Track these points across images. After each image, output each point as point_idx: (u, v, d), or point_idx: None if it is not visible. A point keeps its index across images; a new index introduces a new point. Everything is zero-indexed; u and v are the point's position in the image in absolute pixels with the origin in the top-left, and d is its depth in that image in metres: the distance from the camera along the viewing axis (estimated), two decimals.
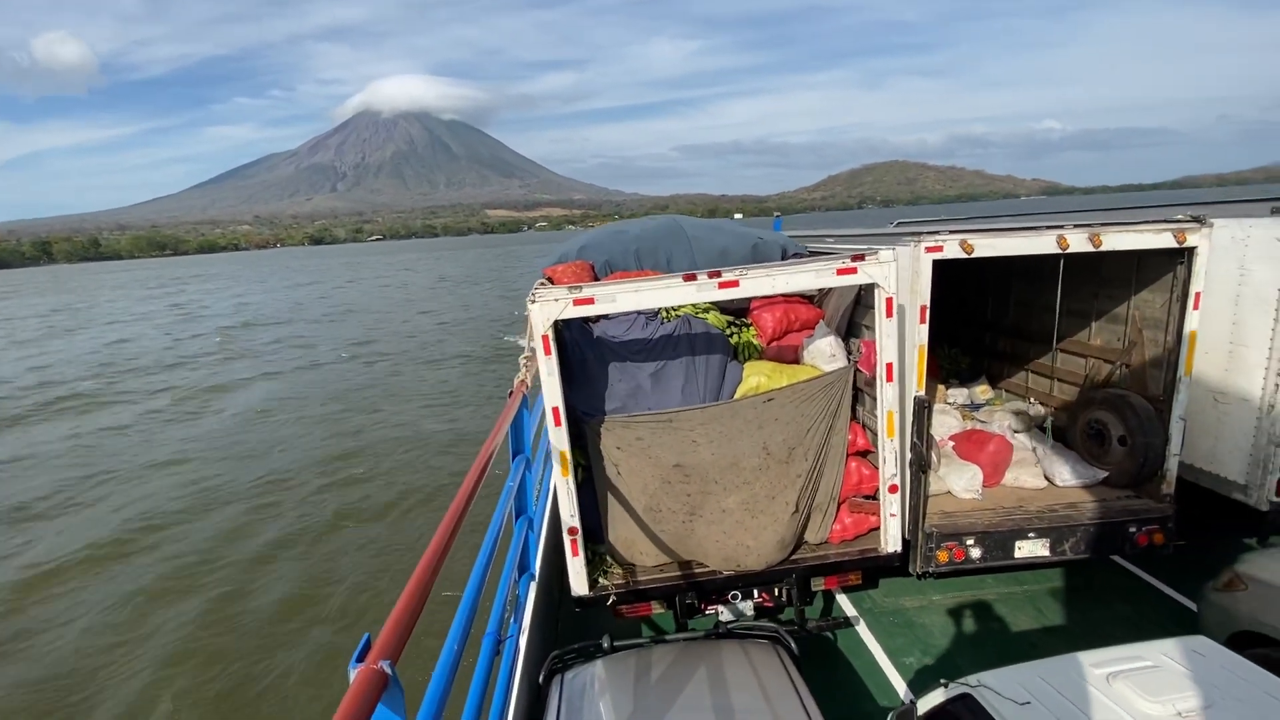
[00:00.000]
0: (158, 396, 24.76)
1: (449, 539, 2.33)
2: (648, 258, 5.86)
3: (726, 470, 4.86)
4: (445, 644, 2.38)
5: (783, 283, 4.49)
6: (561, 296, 4.32)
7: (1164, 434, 5.42)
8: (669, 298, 4.43)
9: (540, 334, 4.36)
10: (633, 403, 5.05)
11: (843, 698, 5.01)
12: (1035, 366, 7.59)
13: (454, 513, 2.50)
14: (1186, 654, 3.15)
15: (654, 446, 4.83)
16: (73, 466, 17.35)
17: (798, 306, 5.82)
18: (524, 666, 4.16)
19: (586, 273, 5.83)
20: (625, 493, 4.94)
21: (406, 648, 1.73)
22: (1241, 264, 5.26)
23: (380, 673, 1.56)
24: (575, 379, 5.01)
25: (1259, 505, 5.27)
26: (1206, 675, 2.98)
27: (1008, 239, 4.99)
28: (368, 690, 1.51)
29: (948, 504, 5.72)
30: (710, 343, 5.24)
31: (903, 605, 6.10)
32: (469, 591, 2.78)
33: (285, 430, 19.34)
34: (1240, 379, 5.34)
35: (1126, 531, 5.37)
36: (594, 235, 6.20)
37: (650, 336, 5.13)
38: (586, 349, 5.08)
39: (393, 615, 1.79)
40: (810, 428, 4.92)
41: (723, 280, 4.37)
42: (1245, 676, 2.99)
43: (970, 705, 3.08)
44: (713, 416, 4.84)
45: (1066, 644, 5.30)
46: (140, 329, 45.41)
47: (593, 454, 4.93)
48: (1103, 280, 6.27)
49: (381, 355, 30.43)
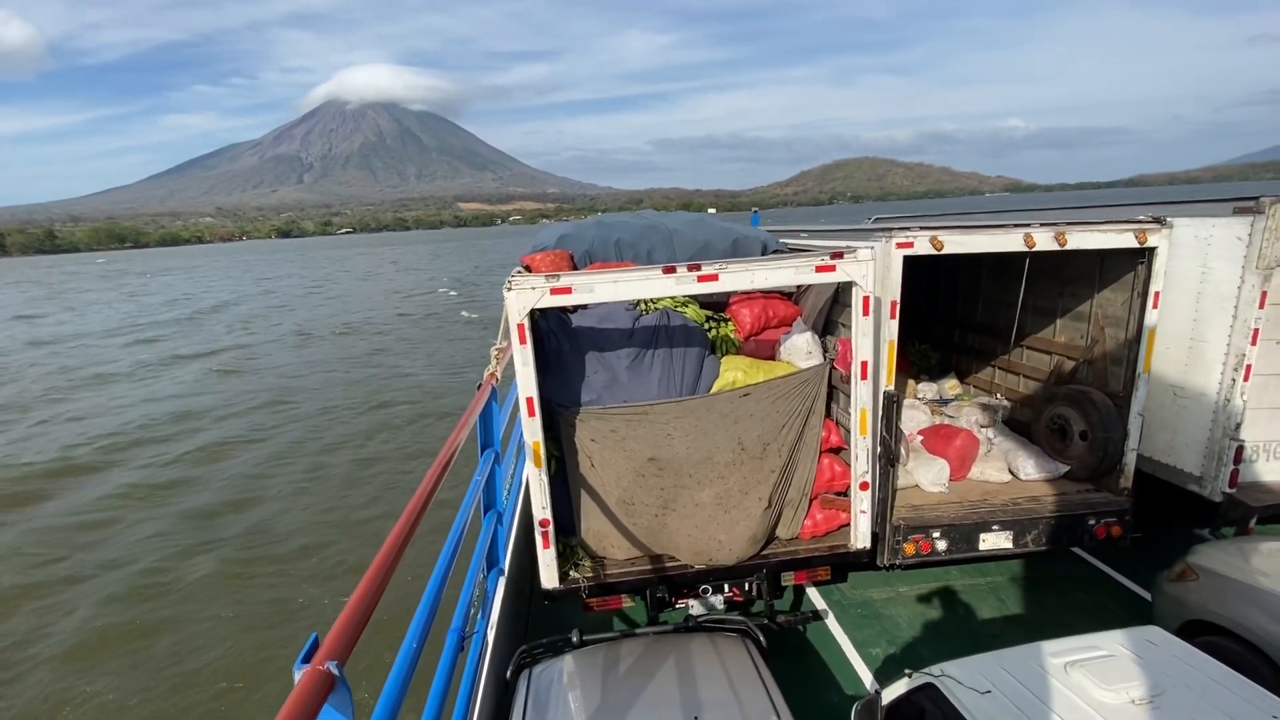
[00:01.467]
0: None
1: (407, 535, 2.27)
2: (628, 250, 5.81)
3: (701, 464, 4.85)
4: (404, 640, 2.33)
5: (762, 278, 4.48)
6: (538, 285, 4.25)
7: (1123, 429, 5.56)
8: (648, 289, 4.40)
9: (516, 322, 4.28)
10: (609, 395, 5.00)
11: (810, 689, 5.06)
12: (1002, 363, 7.72)
13: (413, 508, 2.44)
14: (1140, 643, 3.23)
15: (629, 439, 4.80)
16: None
17: (776, 303, 5.83)
18: (491, 662, 4.12)
19: (565, 262, 5.77)
20: (598, 485, 4.91)
21: (376, 650, 1.67)
22: (1203, 262, 5.39)
23: (326, 674, 1.51)
24: (551, 369, 4.95)
25: (1212, 496, 5.43)
26: (1158, 664, 3.06)
27: (976, 236, 5.05)
28: (313, 692, 1.46)
29: (915, 497, 5.80)
30: (689, 336, 5.22)
31: (870, 597, 6.18)
32: (431, 586, 2.72)
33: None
34: (1199, 374, 5.49)
35: (1086, 524, 5.50)
36: (574, 226, 6.14)
37: (628, 328, 5.10)
38: (563, 339, 5.02)
39: (343, 614, 1.74)
40: (785, 424, 4.93)
41: (702, 274, 4.35)
42: (1195, 665, 3.07)
43: (933, 695, 3.12)
44: (688, 410, 4.82)
45: (1028, 634, 5.44)
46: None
47: (566, 446, 4.88)
48: (1067, 279, 6.39)
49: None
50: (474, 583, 3.99)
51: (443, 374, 24.41)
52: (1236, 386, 5.22)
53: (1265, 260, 5.00)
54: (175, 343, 34.59)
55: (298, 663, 1.57)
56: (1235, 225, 5.16)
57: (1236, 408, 5.26)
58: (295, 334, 35.15)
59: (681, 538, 4.98)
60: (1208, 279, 5.38)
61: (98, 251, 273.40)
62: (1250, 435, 5.40)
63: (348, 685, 1.60)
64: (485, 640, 4.27)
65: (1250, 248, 5.05)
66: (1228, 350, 5.25)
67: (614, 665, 3.54)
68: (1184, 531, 6.76)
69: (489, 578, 4.87)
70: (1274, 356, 5.38)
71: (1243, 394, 5.23)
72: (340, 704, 1.56)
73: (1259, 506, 5.36)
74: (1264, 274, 5.03)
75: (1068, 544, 5.67)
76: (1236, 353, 5.21)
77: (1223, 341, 5.28)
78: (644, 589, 5.07)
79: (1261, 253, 4.99)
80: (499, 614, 4.58)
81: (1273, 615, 3.98)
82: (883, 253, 4.94)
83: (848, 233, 6.17)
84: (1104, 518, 5.50)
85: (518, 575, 5.55)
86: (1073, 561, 6.58)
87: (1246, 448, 5.39)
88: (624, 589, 5.05)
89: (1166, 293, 5.36)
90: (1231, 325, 5.22)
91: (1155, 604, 4.88)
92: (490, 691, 3.96)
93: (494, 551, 4.94)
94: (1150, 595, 5.24)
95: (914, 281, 5.36)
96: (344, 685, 1.57)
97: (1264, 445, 5.59)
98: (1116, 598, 6.02)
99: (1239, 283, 5.15)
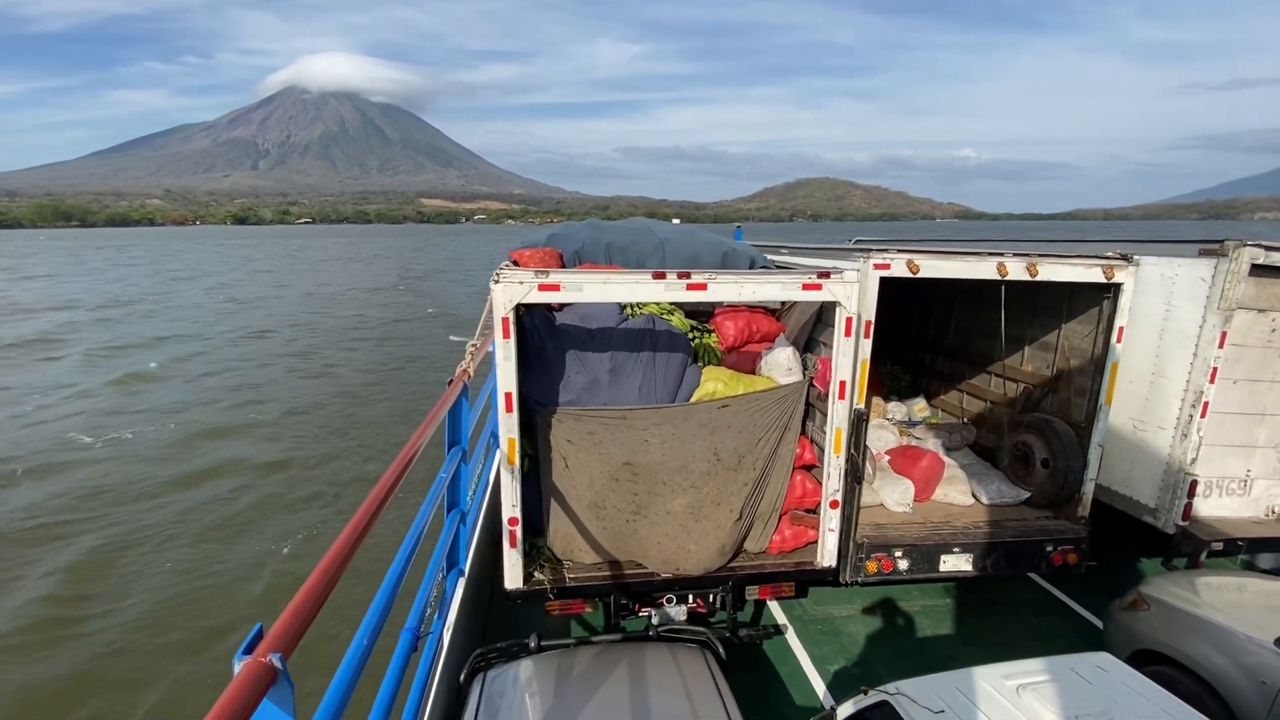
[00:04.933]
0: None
1: (364, 529, 2.21)
2: (618, 254, 5.80)
3: (676, 472, 4.83)
4: (354, 637, 2.26)
5: (749, 291, 4.50)
6: (526, 279, 4.20)
7: (1083, 459, 5.69)
8: (637, 293, 4.39)
9: (501, 316, 4.22)
10: (588, 396, 4.96)
11: (767, 703, 5.05)
12: (970, 387, 7.86)
13: (372, 501, 2.38)
14: (1090, 669, 3.28)
15: (605, 442, 4.76)
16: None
17: (760, 318, 5.87)
18: (445, 665, 4.03)
19: (554, 260, 5.73)
20: (571, 487, 4.86)
21: (328, 651, 1.61)
22: (1168, 300, 5.56)
23: (268, 666, 1.45)
24: (531, 367, 4.90)
25: (1166, 528, 5.58)
26: (1107, 690, 3.12)
27: (952, 261, 5.15)
28: (253, 684, 1.40)
29: (879, 516, 5.85)
30: (672, 343, 5.21)
31: (831, 614, 6.21)
32: (386, 584, 2.65)
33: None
34: (1158, 409, 5.64)
35: (1044, 550, 5.60)
36: (565, 227, 6.12)
37: (613, 330, 5.07)
38: (546, 337, 4.97)
39: (290, 605, 1.68)
40: (761, 438, 4.94)
41: (691, 282, 4.35)
42: (1143, 693, 3.13)
43: (887, 712, 3.13)
44: (667, 417, 4.80)
45: (983, 655, 5.50)
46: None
47: (541, 445, 4.82)
48: (1037, 309, 6.54)
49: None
50: (432, 582, 3.91)
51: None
52: (1194, 423, 5.38)
53: (1227, 301, 5.17)
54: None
55: (238, 653, 1.51)
56: (1200, 266, 5.33)
57: (1193, 443, 5.42)
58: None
59: (651, 545, 4.95)
60: (1171, 317, 5.55)
61: (41, 229, 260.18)
62: (1205, 471, 5.56)
63: (290, 680, 1.54)
64: (440, 641, 4.17)
65: (1213, 289, 5.22)
66: (1187, 387, 5.41)
67: (570, 672, 3.49)
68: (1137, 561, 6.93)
69: (448, 578, 4.78)
70: (1231, 395, 5.56)
71: (1199, 430, 5.39)
72: (281, 699, 1.50)
73: (1210, 540, 5.51)
74: (1225, 315, 5.20)
75: (1026, 569, 5.77)
76: (1195, 390, 5.36)
77: (1183, 378, 5.44)
78: (608, 595, 5.02)
79: (1224, 294, 5.16)
80: (456, 615, 4.49)
81: (1219, 648, 4.08)
82: (860, 273, 5.01)
83: (831, 252, 6.25)
84: (1061, 545, 5.60)
85: (478, 577, 5.45)
86: (1029, 586, 6.69)
87: (1201, 482, 5.55)
88: (588, 594, 5.00)
89: (1131, 328, 5.51)
90: (1192, 363, 5.38)
91: (1106, 631, 4.98)
92: (442, 694, 3.87)
93: (455, 552, 4.85)
94: (1102, 623, 5.35)
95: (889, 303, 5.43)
96: (286, 679, 1.51)
97: (1218, 481, 5.76)
98: (1070, 624, 6.13)
99: (1200, 322, 5.31)
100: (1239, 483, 5.80)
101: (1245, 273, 5.11)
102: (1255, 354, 5.54)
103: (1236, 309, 5.22)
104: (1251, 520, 5.81)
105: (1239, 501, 5.82)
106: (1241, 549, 5.65)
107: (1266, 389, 5.64)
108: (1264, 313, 5.46)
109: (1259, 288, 5.35)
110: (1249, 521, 5.79)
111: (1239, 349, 5.44)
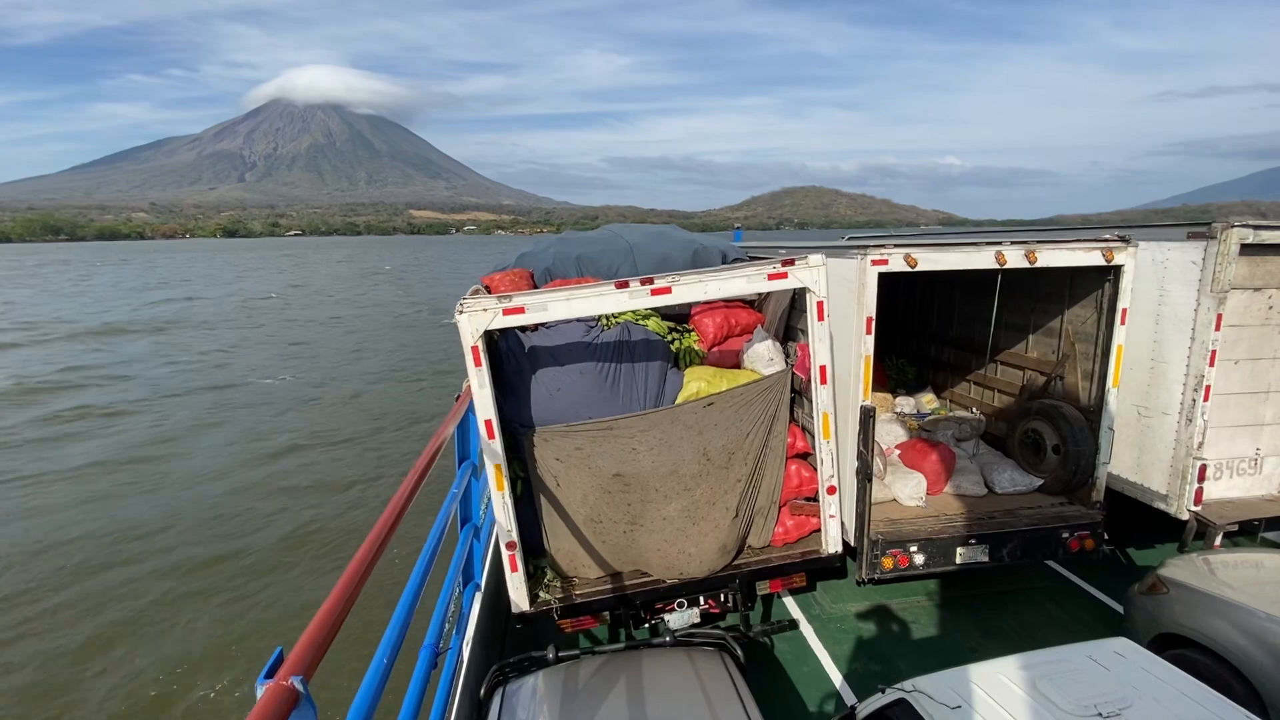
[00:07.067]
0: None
1: (379, 548, 2.25)
2: (589, 266, 5.81)
3: (667, 478, 4.83)
4: (375, 656, 2.30)
5: (715, 289, 4.46)
6: (490, 306, 4.21)
7: (1094, 443, 5.67)
8: (601, 305, 4.35)
9: (469, 345, 4.23)
10: (572, 413, 4.93)
11: (787, 703, 5.05)
12: (977, 377, 7.85)
13: (386, 520, 2.41)
14: (1108, 656, 3.27)
15: (594, 456, 4.75)
16: None
17: (738, 311, 5.87)
18: (465, 680, 4.06)
19: (525, 281, 5.75)
20: (565, 504, 4.86)
21: (350, 667, 1.64)
22: (1161, 285, 5.54)
23: (290, 689, 1.49)
24: (512, 390, 4.89)
25: (1179, 514, 5.54)
26: (1127, 676, 3.10)
27: (949, 253, 5.15)
28: (276, 708, 1.44)
29: (893, 511, 5.85)
30: (650, 349, 5.20)
31: (847, 610, 6.20)
32: (403, 602, 2.69)
33: None
34: (1161, 395, 5.62)
35: (1060, 537, 5.58)
36: (535, 243, 6.16)
37: (589, 344, 5.07)
38: (522, 359, 4.95)
39: (310, 627, 1.71)
40: (749, 431, 4.93)
41: (655, 287, 4.34)
42: (1162, 677, 3.12)
43: (906, 710, 3.13)
44: (653, 423, 4.79)
45: (1003, 646, 5.49)
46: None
47: (530, 466, 4.82)
48: (1039, 296, 6.53)
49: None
50: (449, 598, 3.94)
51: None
52: (1197, 407, 5.36)
53: (1220, 284, 5.15)
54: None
55: (261, 678, 1.54)
56: (1189, 250, 5.31)
57: (1198, 427, 5.39)
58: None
59: (651, 552, 4.95)
60: (1165, 302, 5.53)
61: (30, 244, 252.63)
62: (1213, 454, 5.54)
63: (313, 702, 1.57)
64: (460, 657, 4.20)
65: (1204, 272, 5.21)
66: (1187, 371, 5.39)
67: (588, 683, 3.50)
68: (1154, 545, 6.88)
69: (465, 593, 4.81)
70: (1233, 376, 5.54)
71: (1204, 414, 5.36)
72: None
73: (1224, 525, 5.47)
74: (1219, 298, 5.18)
75: (1043, 557, 5.75)
76: (1195, 374, 5.34)
77: (1182, 363, 5.42)
78: (616, 607, 5.03)
79: (1216, 277, 5.15)
80: (474, 630, 4.51)
81: (1240, 628, 4.05)
82: (858, 269, 5.02)
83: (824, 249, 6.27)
84: (1078, 530, 5.58)
85: (495, 591, 5.48)
86: (1047, 574, 6.66)
87: (1210, 465, 5.52)
88: (596, 608, 5.00)
89: (1129, 314, 5.51)
90: (1190, 347, 5.36)
91: (1127, 616, 4.95)
92: (464, 710, 3.90)
93: (470, 567, 4.88)
94: (1121, 608, 5.32)
95: (892, 298, 5.45)
96: (308, 701, 1.54)
97: (1227, 462, 5.74)
98: (1090, 610, 6.09)
99: (1195, 306, 5.30)
100: (1249, 462, 5.77)
101: (1235, 254, 5.10)
102: (1254, 333, 5.52)
103: (1230, 290, 5.20)
104: (1264, 499, 5.77)
105: (1250, 481, 5.79)
106: (1259, 529, 5.62)
107: (1269, 366, 5.62)
108: (1259, 291, 5.44)
109: (1252, 266, 5.34)
110: (1262, 500, 5.76)
111: (1237, 329, 5.42)
